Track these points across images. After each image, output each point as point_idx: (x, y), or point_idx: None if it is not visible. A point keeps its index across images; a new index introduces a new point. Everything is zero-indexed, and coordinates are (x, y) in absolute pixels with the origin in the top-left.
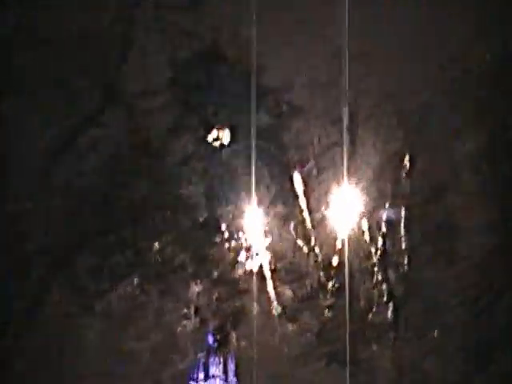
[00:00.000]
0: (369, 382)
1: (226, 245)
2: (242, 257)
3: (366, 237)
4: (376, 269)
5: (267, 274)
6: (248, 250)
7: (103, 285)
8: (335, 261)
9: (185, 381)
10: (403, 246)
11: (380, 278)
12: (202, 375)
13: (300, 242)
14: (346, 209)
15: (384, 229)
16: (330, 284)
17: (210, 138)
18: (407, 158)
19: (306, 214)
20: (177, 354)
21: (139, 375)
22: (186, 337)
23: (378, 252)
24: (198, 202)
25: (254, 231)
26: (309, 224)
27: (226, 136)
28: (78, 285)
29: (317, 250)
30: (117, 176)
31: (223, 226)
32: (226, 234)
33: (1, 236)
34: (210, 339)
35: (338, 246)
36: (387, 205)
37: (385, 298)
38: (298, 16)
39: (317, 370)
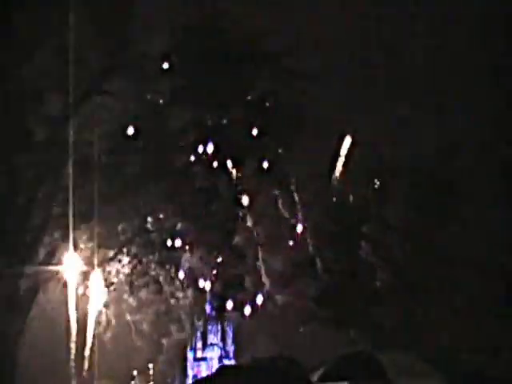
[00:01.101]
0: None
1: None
2: (238, 227)
3: (363, 203)
4: (374, 233)
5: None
6: (243, 219)
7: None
8: (331, 228)
9: (184, 350)
10: (402, 211)
11: (378, 242)
12: (200, 344)
13: (287, 214)
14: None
15: (382, 195)
16: (326, 251)
17: None
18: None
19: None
20: (175, 324)
21: (141, 344)
22: (184, 306)
23: (375, 218)
24: (197, 171)
25: (250, 201)
26: (296, 197)
27: None
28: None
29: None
30: (121, 144)
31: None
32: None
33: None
34: (208, 308)
35: (333, 212)
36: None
37: (384, 262)
38: None
39: (315, 333)
